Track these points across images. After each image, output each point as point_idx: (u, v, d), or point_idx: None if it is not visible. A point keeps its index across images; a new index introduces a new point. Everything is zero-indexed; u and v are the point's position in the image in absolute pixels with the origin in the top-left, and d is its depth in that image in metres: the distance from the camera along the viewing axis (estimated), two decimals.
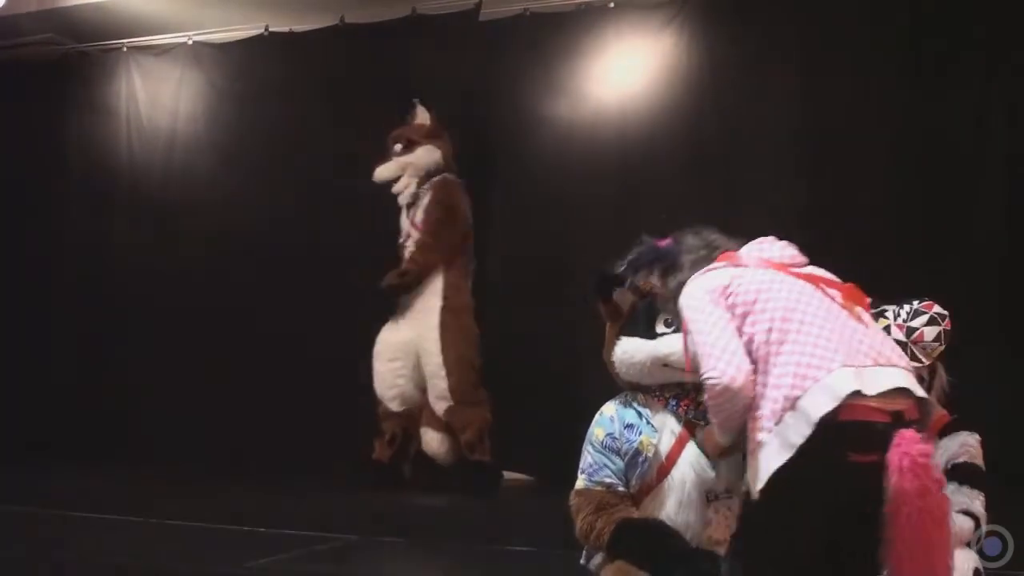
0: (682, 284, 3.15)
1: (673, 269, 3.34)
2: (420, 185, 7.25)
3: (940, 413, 3.57)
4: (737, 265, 3.08)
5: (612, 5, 7.80)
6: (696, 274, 3.13)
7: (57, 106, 9.36)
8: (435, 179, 7.26)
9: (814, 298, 2.94)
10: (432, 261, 7.14)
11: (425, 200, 7.23)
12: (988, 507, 3.47)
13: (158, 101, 9.07)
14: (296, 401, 8.06)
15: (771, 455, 2.70)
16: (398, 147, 7.28)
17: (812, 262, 3.27)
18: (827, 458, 2.64)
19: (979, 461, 3.50)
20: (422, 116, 7.37)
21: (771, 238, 3.26)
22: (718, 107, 7.40)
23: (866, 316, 2.99)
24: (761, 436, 2.74)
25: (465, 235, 7.32)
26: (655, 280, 3.45)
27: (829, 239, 6.97)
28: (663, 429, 3.49)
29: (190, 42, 8.97)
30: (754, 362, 2.84)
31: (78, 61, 9.38)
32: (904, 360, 2.96)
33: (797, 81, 7.25)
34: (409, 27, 8.15)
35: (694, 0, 7.57)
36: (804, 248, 6.43)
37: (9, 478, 7.17)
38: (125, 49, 9.20)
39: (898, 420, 2.67)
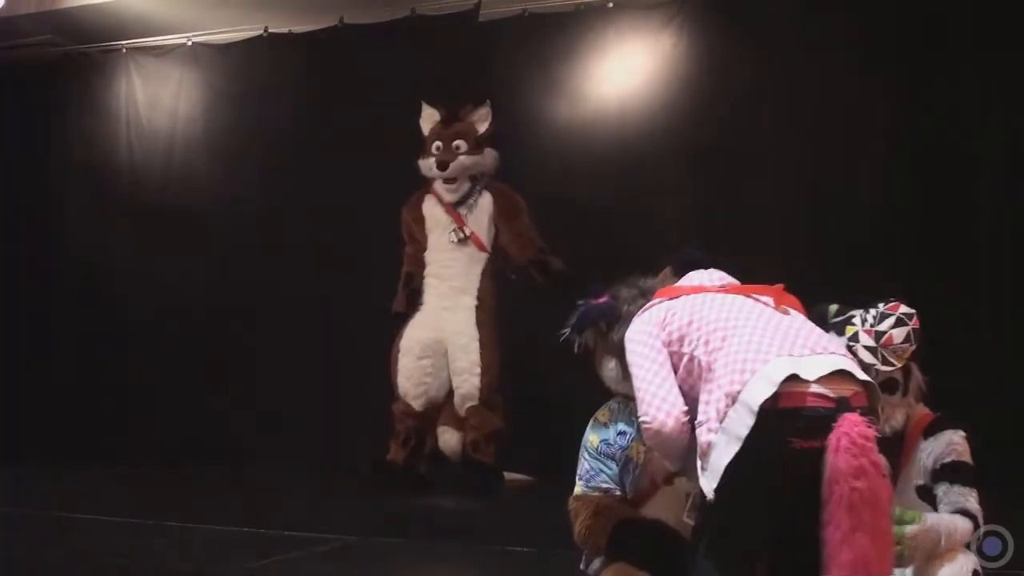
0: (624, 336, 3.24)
1: (614, 322, 3.41)
2: (473, 185, 7.23)
3: (923, 412, 3.56)
4: (672, 298, 3.16)
5: (611, 5, 7.81)
6: (636, 316, 3.22)
7: (56, 107, 9.36)
8: (491, 183, 7.24)
9: (745, 305, 3.02)
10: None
11: (484, 202, 7.18)
12: (984, 504, 3.45)
13: (158, 102, 9.08)
14: (297, 402, 8.07)
15: (721, 452, 2.73)
16: (462, 145, 7.19)
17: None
18: (772, 446, 2.66)
19: (967, 458, 3.46)
20: (480, 116, 7.31)
21: (699, 270, 3.32)
22: (717, 107, 7.41)
23: (800, 316, 3.05)
24: (710, 438, 2.78)
25: None
26: (600, 337, 3.48)
27: (829, 239, 7.01)
28: None
29: (189, 43, 8.98)
30: (698, 377, 2.92)
31: (77, 62, 9.39)
32: (843, 349, 3.02)
33: (796, 81, 7.26)
34: (408, 28, 8.16)
35: (693, 0, 7.57)
36: (804, 248, 6.45)
37: (8, 479, 7.16)
38: (124, 50, 9.21)
39: (843, 406, 2.68)
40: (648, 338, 3.07)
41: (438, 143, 7.19)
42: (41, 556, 5.42)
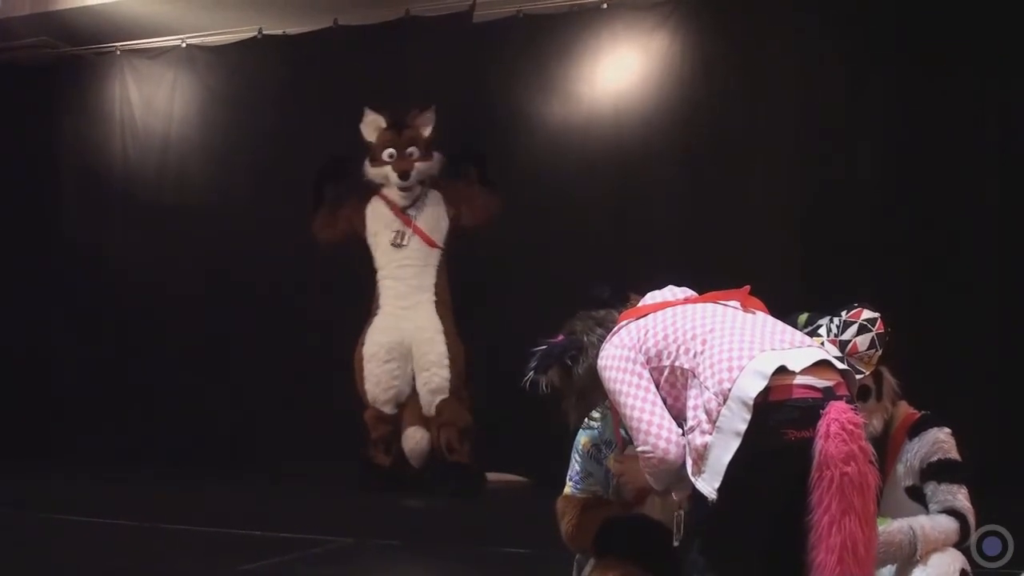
0: (592, 367, 3.19)
1: (578, 355, 3.32)
2: (423, 188, 7.31)
3: (907, 412, 3.55)
4: (640, 317, 3.13)
5: (605, 6, 7.80)
6: (605, 342, 3.17)
7: (51, 109, 9.34)
8: (434, 181, 7.34)
9: (717, 311, 3.02)
10: None
11: (432, 201, 7.30)
12: (982, 505, 3.44)
13: (152, 104, 9.06)
14: (292, 404, 8.05)
15: (720, 451, 2.74)
16: (415, 151, 7.25)
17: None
18: (768, 439, 2.69)
19: (954, 454, 3.44)
20: (425, 120, 7.33)
21: (662, 289, 3.29)
22: (712, 107, 7.42)
23: (769, 316, 3.06)
24: (705, 440, 2.77)
25: None
26: (564, 373, 3.36)
27: (825, 240, 7.01)
28: None
29: (184, 45, 8.95)
30: (682, 386, 2.92)
31: (72, 64, 9.37)
32: (817, 343, 3.07)
33: (791, 81, 7.26)
34: (403, 29, 8.14)
35: (687, 1, 7.58)
36: (798, 248, 6.42)
37: (5, 481, 7.14)
38: (119, 52, 9.18)
39: (829, 395, 2.72)
40: (627, 363, 3.02)
41: (391, 150, 7.25)
42: (34, 558, 5.40)
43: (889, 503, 3.36)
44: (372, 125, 7.36)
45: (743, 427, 2.69)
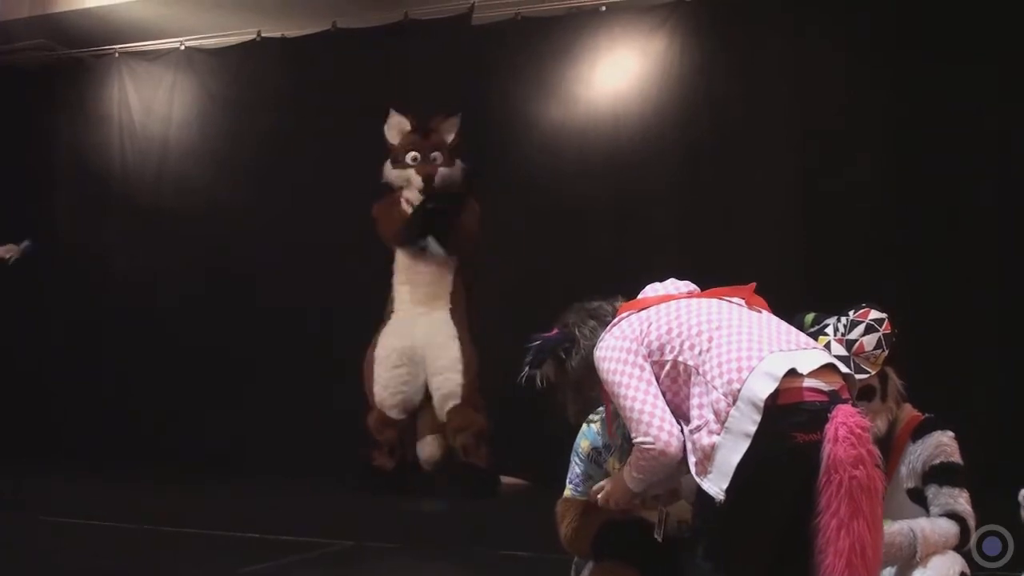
0: (585, 359, 3.18)
1: (572, 348, 3.30)
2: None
3: (911, 415, 3.55)
4: (641, 309, 3.11)
5: (603, 9, 7.83)
6: (604, 333, 3.13)
7: (50, 112, 9.35)
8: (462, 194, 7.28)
9: (723, 307, 3.01)
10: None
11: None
12: (981, 506, 3.44)
13: (151, 107, 9.07)
14: (293, 406, 8.04)
15: (729, 452, 2.73)
16: (439, 156, 7.16)
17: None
18: (777, 442, 2.68)
19: (956, 458, 3.45)
20: (449, 126, 7.25)
21: (663, 281, 3.27)
22: (710, 110, 7.43)
23: (774, 316, 3.05)
24: (712, 440, 2.76)
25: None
26: (559, 367, 3.35)
27: (825, 241, 7.01)
28: None
29: (182, 47, 8.97)
30: (684, 383, 2.90)
31: (71, 67, 9.38)
32: (820, 345, 3.08)
33: (789, 83, 7.27)
34: (402, 32, 8.16)
35: (685, 3, 7.59)
36: (797, 250, 6.42)
37: (5, 481, 7.14)
38: (117, 55, 9.20)
39: (835, 398, 2.73)
40: (628, 355, 2.98)
41: (415, 153, 7.15)
42: (33, 559, 5.40)
43: (891, 505, 3.36)
44: (397, 127, 7.24)
45: (752, 429, 2.69)
